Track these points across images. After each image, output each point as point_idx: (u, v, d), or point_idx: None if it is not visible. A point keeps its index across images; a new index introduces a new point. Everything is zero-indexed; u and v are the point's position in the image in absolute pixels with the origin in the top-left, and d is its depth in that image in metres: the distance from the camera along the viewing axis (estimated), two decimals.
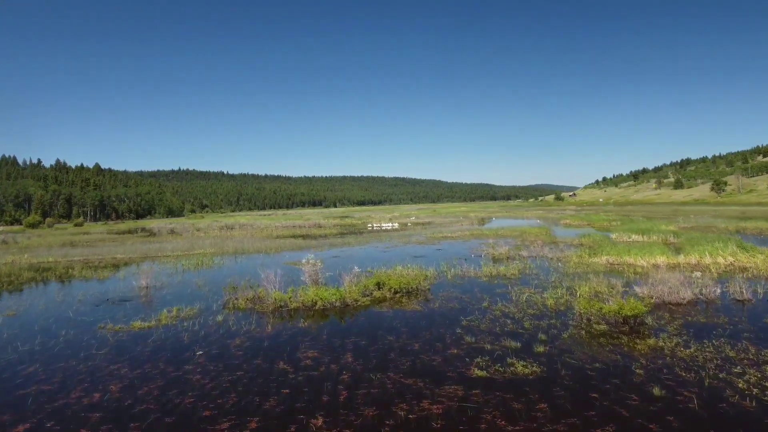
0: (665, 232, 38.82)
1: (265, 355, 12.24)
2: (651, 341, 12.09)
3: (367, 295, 18.94)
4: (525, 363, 10.81)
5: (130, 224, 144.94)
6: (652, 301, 16.08)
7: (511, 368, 10.55)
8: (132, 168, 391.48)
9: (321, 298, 17.39)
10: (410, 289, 19.67)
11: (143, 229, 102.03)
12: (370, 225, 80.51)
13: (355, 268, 21.16)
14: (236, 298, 18.90)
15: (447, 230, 59.14)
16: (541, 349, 11.77)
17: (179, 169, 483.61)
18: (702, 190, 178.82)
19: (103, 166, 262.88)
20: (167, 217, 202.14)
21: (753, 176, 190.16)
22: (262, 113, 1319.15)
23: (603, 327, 13.46)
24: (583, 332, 13.13)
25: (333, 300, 17.46)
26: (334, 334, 13.99)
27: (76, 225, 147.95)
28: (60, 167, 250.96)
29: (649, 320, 13.92)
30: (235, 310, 17.56)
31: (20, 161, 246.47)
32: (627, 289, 18.24)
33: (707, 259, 24.65)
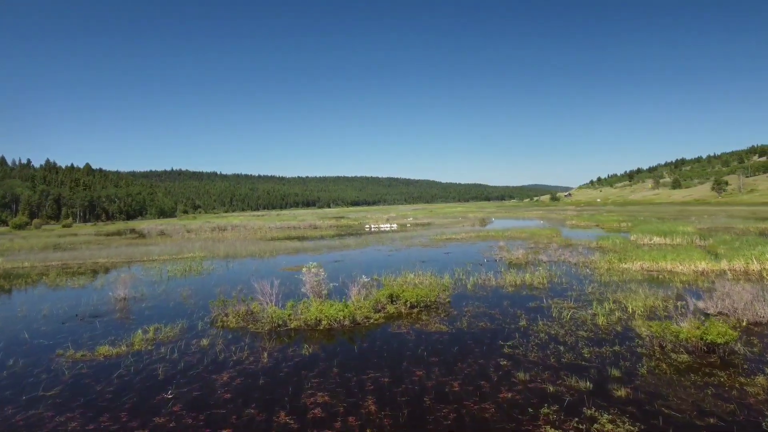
0: (688, 234, 36.31)
1: (261, 399, 9.43)
2: (761, 380, 9.40)
3: (380, 311, 16.19)
4: (610, 416, 8.08)
5: (120, 225, 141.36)
6: (734, 322, 13.36)
7: (596, 425, 7.82)
8: (124, 168, 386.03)
9: (326, 316, 14.60)
10: (428, 303, 16.92)
11: (133, 231, 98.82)
12: (367, 226, 77.71)
13: (363, 277, 18.37)
14: (226, 315, 16.10)
15: (449, 231, 56.47)
16: (621, 392, 9.03)
17: (172, 169, 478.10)
18: (701, 190, 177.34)
19: (96, 167, 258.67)
20: (159, 218, 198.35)
21: (750, 176, 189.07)
22: (256, 113, 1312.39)
23: (684, 357, 10.76)
24: (664, 365, 10.40)
25: (341, 317, 14.68)
26: (346, 365, 11.20)
27: (64, 226, 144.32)
28: (50, 167, 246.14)
29: (739, 347, 11.24)
30: (224, 330, 14.76)
31: (9, 162, 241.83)
32: (682, 302, 15.59)
33: (754, 265, 22.06)
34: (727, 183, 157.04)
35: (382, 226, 75.90)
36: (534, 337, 12.74)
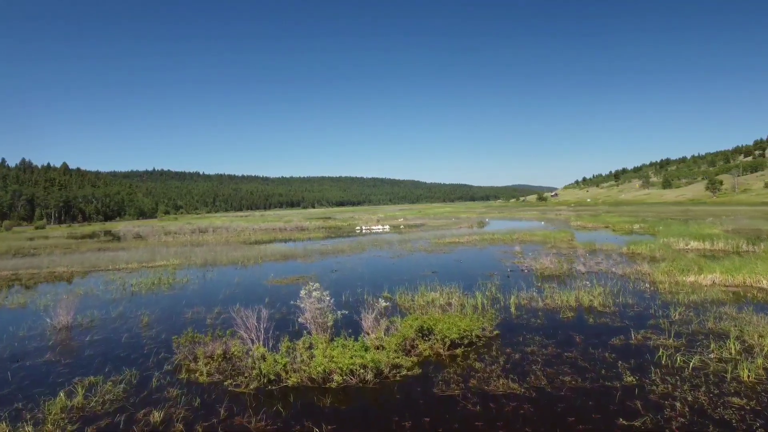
0: (723, 238, 32.40)
1: None
2: None
3: (410, 352, 11.73)
4: None
5: (97, 227, 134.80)
6: None
7: None
8: (105, 169, 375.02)
9: (339, 367, 10.09)
10: (472, 339, 12.48)
11: (108, 233, 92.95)
12: (359, 228, 73.12)
13: (381, 301, 13.83)
14: (194, 358, 11.51)
15: (449, 234, 52.19)
16: None
17: (154, 169, 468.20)
18: (694, 190, 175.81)
19: (82, 168, 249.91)
20: (138, 219, 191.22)
21: (738, 176, 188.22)
22: (240, 114, 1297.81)
23: None
24: None
25: (359, 369, 10.17)
26: None
27: (37, 228, 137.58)
28: (25, 166, 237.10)
29: None
30: (191, 385, 10.20)
31: None
32: None
33: None
34: (721, 183, 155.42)
35: (374, 227, 71.38)
36: (666, 408, 8.34)
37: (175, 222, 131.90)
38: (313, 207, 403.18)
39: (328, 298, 12.83)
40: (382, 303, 13.40)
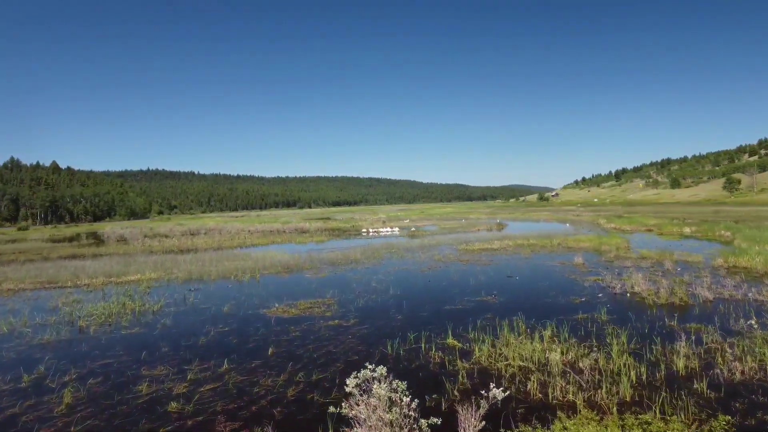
0: None
1: None
2: None
3: None
4: None
5: (83, 228, 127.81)
6: None
7: None
8: (99, 168, 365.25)
9: None
10: None
11: (92, 235, 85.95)
12: (364, 230, 66.63)
13: (492, 392, 7.35)
14: None
15: (471, 237, 45.84)
16: None
17: (148, 169, 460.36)
18: (707, 189, 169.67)
19: (75, 168, 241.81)
20: (129, 220, 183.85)
21: (755, 175, 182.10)
22: (235, 113, 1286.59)
23: None
24: None
25: None
26: None
27: (20, 229, 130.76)
28: (13, 165, 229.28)
29: None
30: None
31: None
32: None
33: None
34: (739, 182, 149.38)
35: (381, 230, 64.84)
36: None
37: (167, 222, 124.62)
38: (310, 207, 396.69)
39: (405, 398, 6.33)
40: (497, 392, 6.95)
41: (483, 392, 7.39)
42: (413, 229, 64.32)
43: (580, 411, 8.02)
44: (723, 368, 10.01)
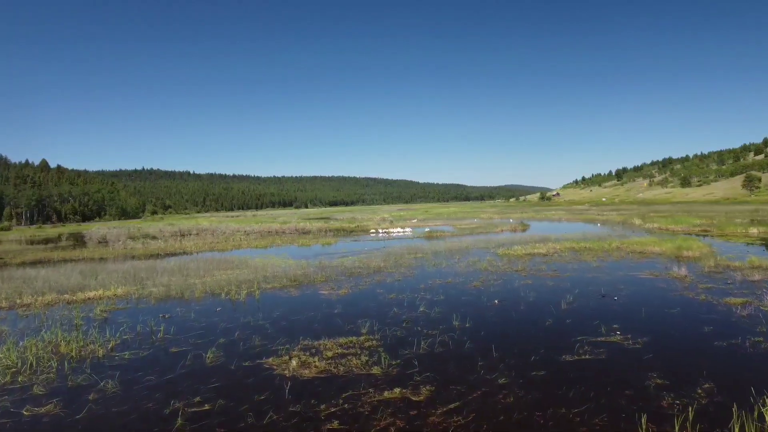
0: None
1: None
2: None
3: None
4: None
5: (68, 228, 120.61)
6: None
7: None
8: (93, 168, 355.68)
9: None
10: None
11: (74, 236, 79.08)
12: (373, 231, 60.32)
13: None
14: None
15: (502, 239, 39.80)
16: None
17: (143, 168, 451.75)
18: (724, 188, 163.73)
19: (67, 167, 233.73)
20: (119, 220, 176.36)
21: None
22: (231, 112, 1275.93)
23: None
24: None
25: None
26: None
27: (2, 229, 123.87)
28: (0, 162, 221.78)
29: None
30: None
31: None
32: None
33: None
34: (759, 180, 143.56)
35: (392, 230, 58.47)
36: None
37: (157, 223, 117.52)
38: (306, 207, 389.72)
39: None
40: None
41: None
42: (427, 230, 57.89)
43: None
44: None
